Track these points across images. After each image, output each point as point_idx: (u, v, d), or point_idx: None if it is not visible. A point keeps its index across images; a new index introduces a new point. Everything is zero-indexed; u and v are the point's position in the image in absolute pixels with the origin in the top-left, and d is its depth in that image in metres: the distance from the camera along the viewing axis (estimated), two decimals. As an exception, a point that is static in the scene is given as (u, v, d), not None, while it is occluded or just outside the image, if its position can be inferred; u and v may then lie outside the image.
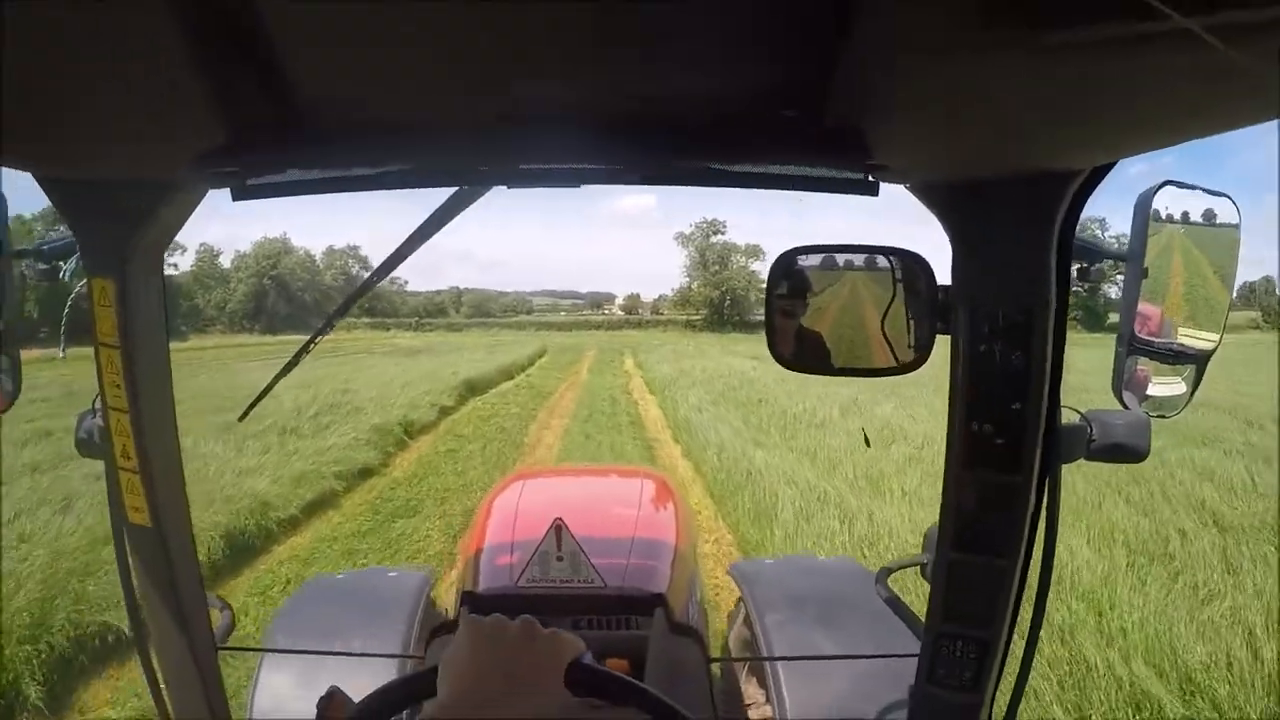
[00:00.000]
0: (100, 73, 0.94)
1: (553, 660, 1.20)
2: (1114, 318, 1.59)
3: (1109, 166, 1.22)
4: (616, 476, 4.30)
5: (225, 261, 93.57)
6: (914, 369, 1.40)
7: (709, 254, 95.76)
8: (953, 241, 1.35)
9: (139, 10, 0.83)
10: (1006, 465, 1.38)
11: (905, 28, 0.86)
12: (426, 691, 1.22)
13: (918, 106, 1.06)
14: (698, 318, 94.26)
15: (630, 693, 1.28)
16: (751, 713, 2.84)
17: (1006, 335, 1.34)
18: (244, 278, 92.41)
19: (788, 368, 1.45)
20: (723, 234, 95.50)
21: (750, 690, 2.95)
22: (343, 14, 0.94)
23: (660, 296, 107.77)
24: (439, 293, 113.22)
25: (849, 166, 1.27)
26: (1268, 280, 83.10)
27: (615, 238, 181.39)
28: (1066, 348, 1.39)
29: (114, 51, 0.89)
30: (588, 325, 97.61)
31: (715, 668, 2.98)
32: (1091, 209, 1.36)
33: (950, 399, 1.39)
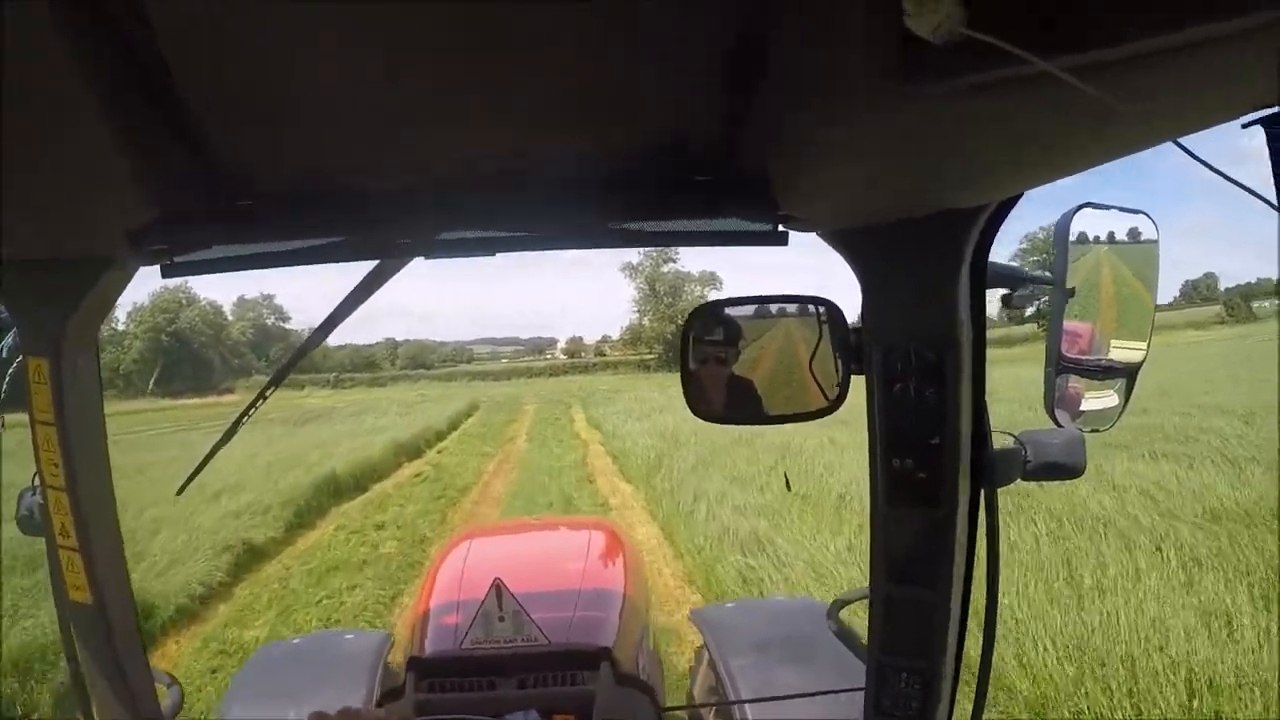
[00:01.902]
0: (26, 155, 0.97)
1: None
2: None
3: (1014, 200, 1.28)
4: (565, 530, 4.39)
5: (121, 316, 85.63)
6: (832, 411, 1.47)
7: (660, 285, 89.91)
8: (862, 283, 1.41)
9: (63, 93, 0.88)
10: (930, 500, 1.42)
11: (807, 82, 0.94)
12: None
13: (822, 156, 1.11)
14: (651, 356, 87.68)
15: None
16: None
17: (920, 372, 1.38)
18: (140, 333, 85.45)
19: (707, 420, 1.53)
20: (675, 262, 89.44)
21: None
22: (263, 96, 1.03)
23: (603, 338, 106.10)
24: (371, 346, 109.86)
25: (759, 218, 1.37)
26: (1209, 276, 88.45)
27: (554, 282, 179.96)
28: None
29: (39, 134, 0.94)
30: (529, 373, 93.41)
31: (674, 717, 3.16)
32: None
33: (870, 437, 1.44)
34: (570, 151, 1.25)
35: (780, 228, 1.39)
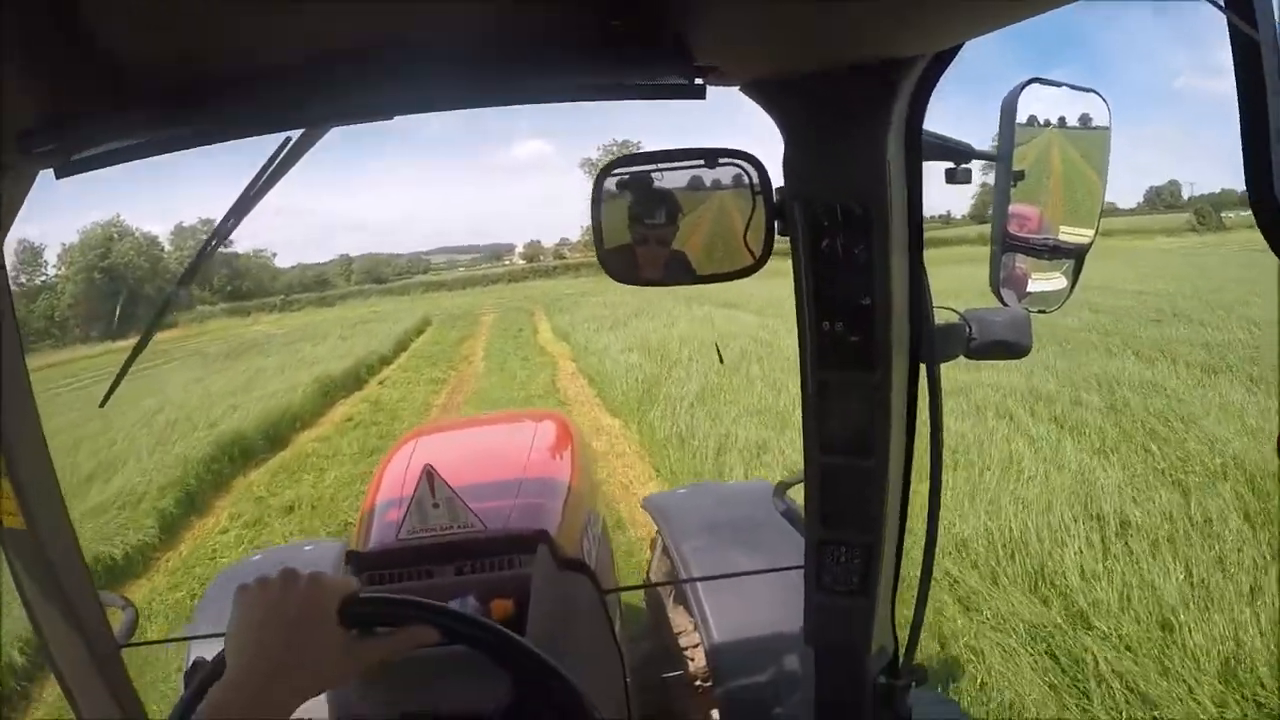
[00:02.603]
0: None
1: (322, 604, 1.23)
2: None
3: (951, 53, 1.25)
4: (512, 422, 4.41)
5: (52, 258, 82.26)
6: (755, 270, 1.45)
7: None
8: (786, 139, 1.39)
9: None
10: (864, 363, 1.42)
11: None
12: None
13: (740, 2, 1.08)
14: None
15: (405, 609, 1.34)
16: (681, 640, 3.02)
17: (847, 231, 1.37)
18: (71, 275, 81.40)
19: (621, 281, 1.50)
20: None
21: (677, 618, 3.12)
22: None
23: (562, 240, 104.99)
24: (324, 264, 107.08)
25: (675, 71, 1.31)
26: (1173, 184, 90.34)
27: (511, 188, 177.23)
28: None
29: None
30: (486, 280, 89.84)
31: (640, 601, 3.63)
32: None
33: (796, 301, 1.44)
34: (474, 7, 1.22)
35: (698, 80, 1.34)
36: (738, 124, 1.79)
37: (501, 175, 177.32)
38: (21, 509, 1.58)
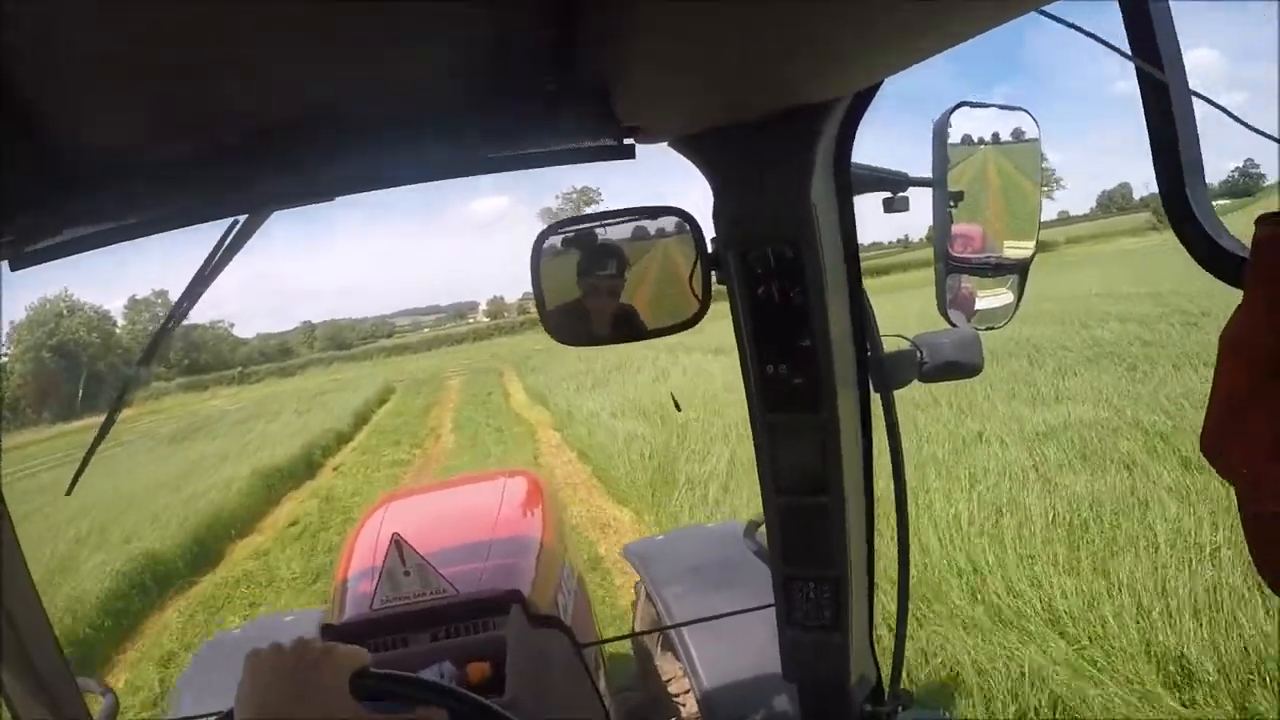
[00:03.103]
0: None
1: (335, 675, 1.25)
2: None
3: (872, 91, 1.29)
4: (483, 482, 4.44)
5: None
6: (695, 323, 1.47)
7: None
8: (715, 190, 1.43)
9: None
10: (809, 404, 1.45)
11: None
12: None
13: (658, 60, 1.11)
14: None
15: (416, 689, 1.36)
16: (671, 687, 3.06)
17: (781, 274, 1.40)
18: (20, 354, 79.44)
19: (566, 342, 1.52)
20: (597, 203, 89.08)
21: (665, 665, 3.15)
22: (87, 63, 1.00)
23: (525, 295, 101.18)
24: (286, 332, 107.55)
25: (603, 133, 1.35)
26: (1124, 186, 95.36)
27: (471, 246, 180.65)
28: None
29: None
30: (450, 340, 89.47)
31: (629, 650, 3.64)
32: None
33: (739, 346, 1.47)
34: (404, 82, 1.24)
35: (627, 140, 1.39)
36: (688, 167, 1.54)
37: (462, 233, 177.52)
38: None
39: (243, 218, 1.41)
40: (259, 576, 9.96)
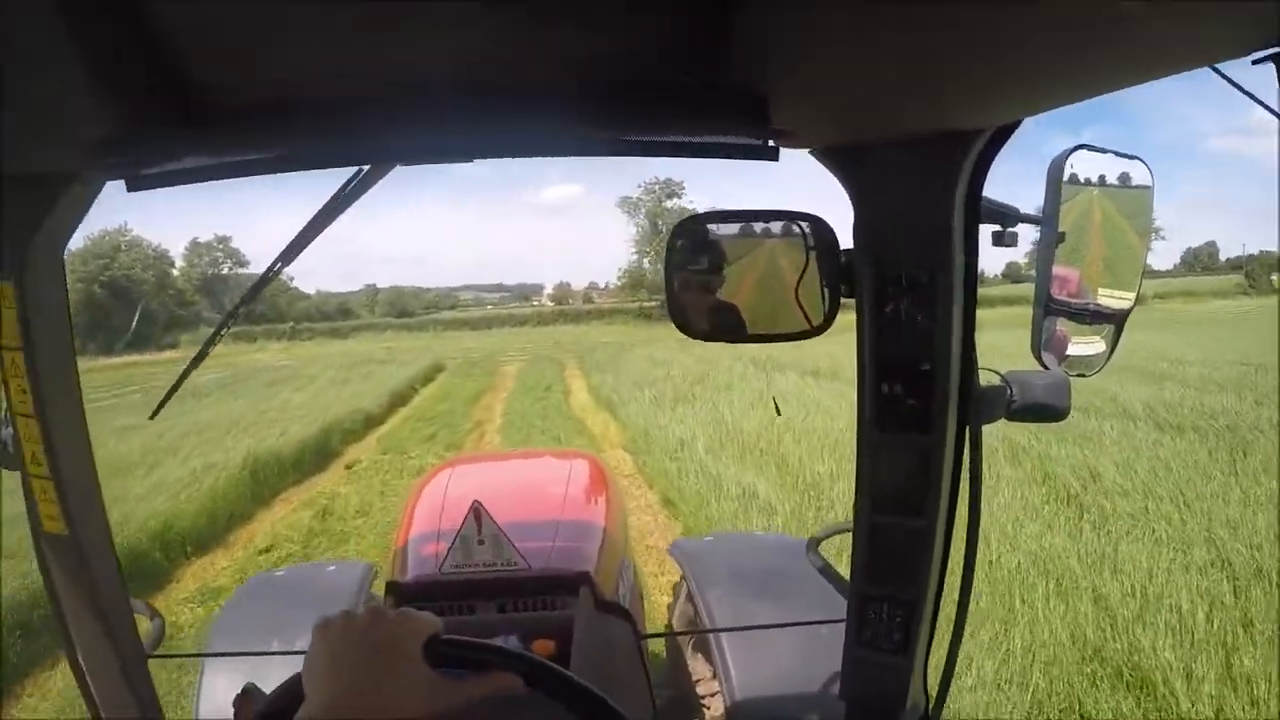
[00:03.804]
0: None
1: (408, 641, 1.26)
2: None
3: (1013, 126, 1.34)
4: (546, 459, 4.57)
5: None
6: (821, 332, 1.52)
7: (663, 222, 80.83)
8: (855, 204, 1.47)
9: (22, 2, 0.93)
10: (920, 426, 1.49)
11: None
12: None
13: (817, 69, 1.16)
14: (652, 304, 76.00)
15: (492, 655, 1.36)
16: (700, 688, 3.06)
17: (911, 296, 1.44)
18: (71, 284, 70.47)
19: (694, 337, 1.57)
20: (679, 197, 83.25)
21: (697, 666, 3.15)
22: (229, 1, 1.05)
23: (591, 284, 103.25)
24: (347, 294, 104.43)
25: (750, 132, 1.38)
26: (1210, 245, 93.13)
27: (541, 229, 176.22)
28: None
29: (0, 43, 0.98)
30: (512, 321, 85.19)
31: (660, 647, 3.61)
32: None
33: (859, 362, 1.51)
34: (554, 55, 1.27)
35: (771, 142, 1.41)
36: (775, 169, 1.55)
37: (534, 216, 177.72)
38: (64, 514, 1.62)
39: (365, 169, 1.45)
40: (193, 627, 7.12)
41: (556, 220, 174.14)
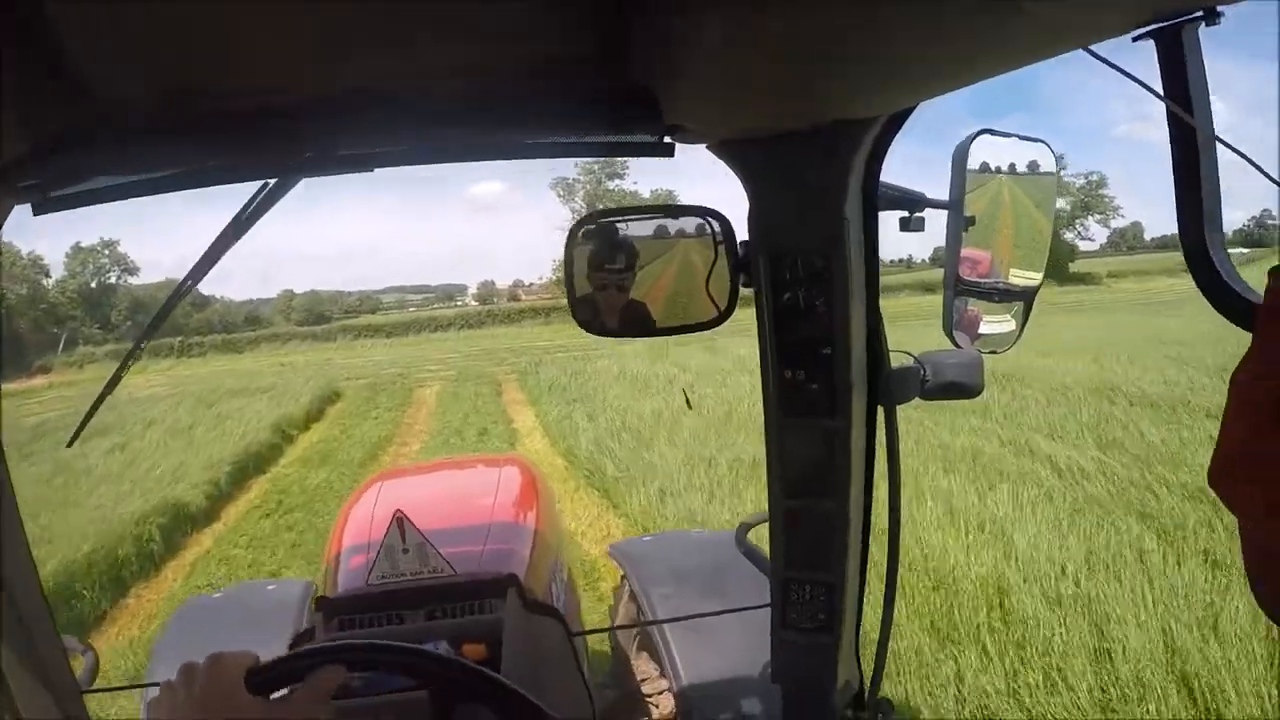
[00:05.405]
0: None
1: (228, 681, 1.31)
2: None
3: (906, 114, 1.41)
4: (477, 467, 4.70)
5: None
6: (721, 323, 1.57)
7: (605, 204, 73.76)
8: (750, 195, 1.53)
9: None
10: (824, 409, 1.55)
11: None
12: None
13: (705, 66, 1.20)
14: None
15: (311, 658, 1.40)
16: (646, 686, 3.10)
17: (809, 283, 1.49)
18: None
19: (594, 333, 1.62)
20: (621, 179, 77.04)
21: (641, 664, 3.21)
22: (128, 10, 1.06)
23: (516, 281, 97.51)
24: (263, 300, 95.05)
25: (646, 129, 1.44)
26: (1135, 225, 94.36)
27: (466, 227, 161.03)
28: None
29: None
30: (434, 325, 77.49)
31: (605, 647, 3.68)
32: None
33: (760, 349, 1.57)
34: (458, 64, 1.32)
35: (667, 139, 1.49)
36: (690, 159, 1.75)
37: (456, 214, 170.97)
38: None
39: (271, 182, 1.49)
40: None
41: (480, 217, 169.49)
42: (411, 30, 1.14)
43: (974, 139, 1.47)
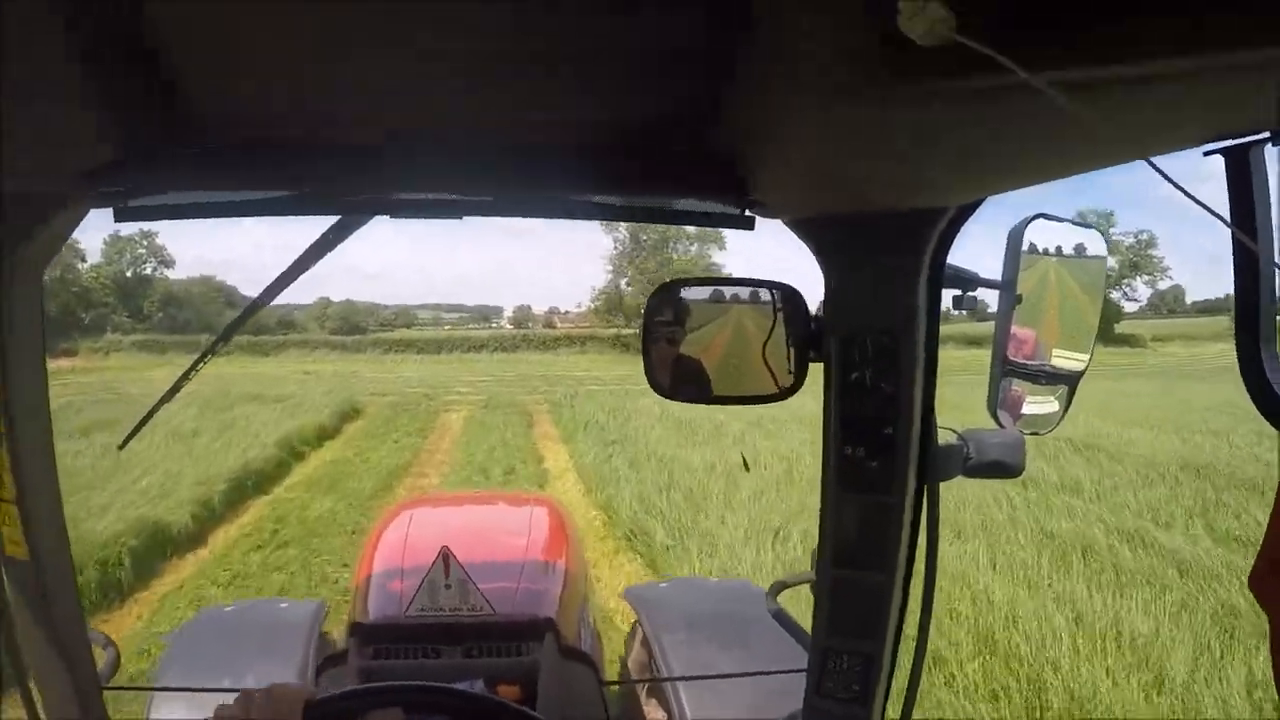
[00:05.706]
0: None
1: (288, 711, 1.31)
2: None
3: (975, 204, 1.44)
4: (506, 504, 4.63)
5: None
6: (789, 396, 1.60)
7: (647, 235, 74.60)
8: (825, 273, 1.55)
9: (29, 19, 0.91)
10: (881, 486, 1.56)
11: (787, 71, 1.03)
12: None
13: (794, 146, 1.23)
14: (630, 331, 67.87)
15: (369, 697, 1.40)
16: None
17: (876, 363, 1.51)
18: None
19: (666, 397, 1.63)
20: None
21: (651, 711, 3.14)
22: (233, 42, 1.10)
23: (552, 308, 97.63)
24: (299, 306, 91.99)
25: (729, 201, 1.46)
26: (1176, 289, 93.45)
27: (506, 251, 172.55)
28: None
29: (1, 57, 0.98)
30: (467, 345, 75.62)
31: (613, 691, 3.38)
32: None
33: (824, 423, 1.58)
34: (542, 118, 1.35)
35: (747, 212, 1.51)
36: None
37: (498, 238, 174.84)
38: (27, 539, 1.58)
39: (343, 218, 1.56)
40: None
41: (526, 240, 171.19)
42: (511, 77, 1.15)
43: (1029, 222, 1.48)
